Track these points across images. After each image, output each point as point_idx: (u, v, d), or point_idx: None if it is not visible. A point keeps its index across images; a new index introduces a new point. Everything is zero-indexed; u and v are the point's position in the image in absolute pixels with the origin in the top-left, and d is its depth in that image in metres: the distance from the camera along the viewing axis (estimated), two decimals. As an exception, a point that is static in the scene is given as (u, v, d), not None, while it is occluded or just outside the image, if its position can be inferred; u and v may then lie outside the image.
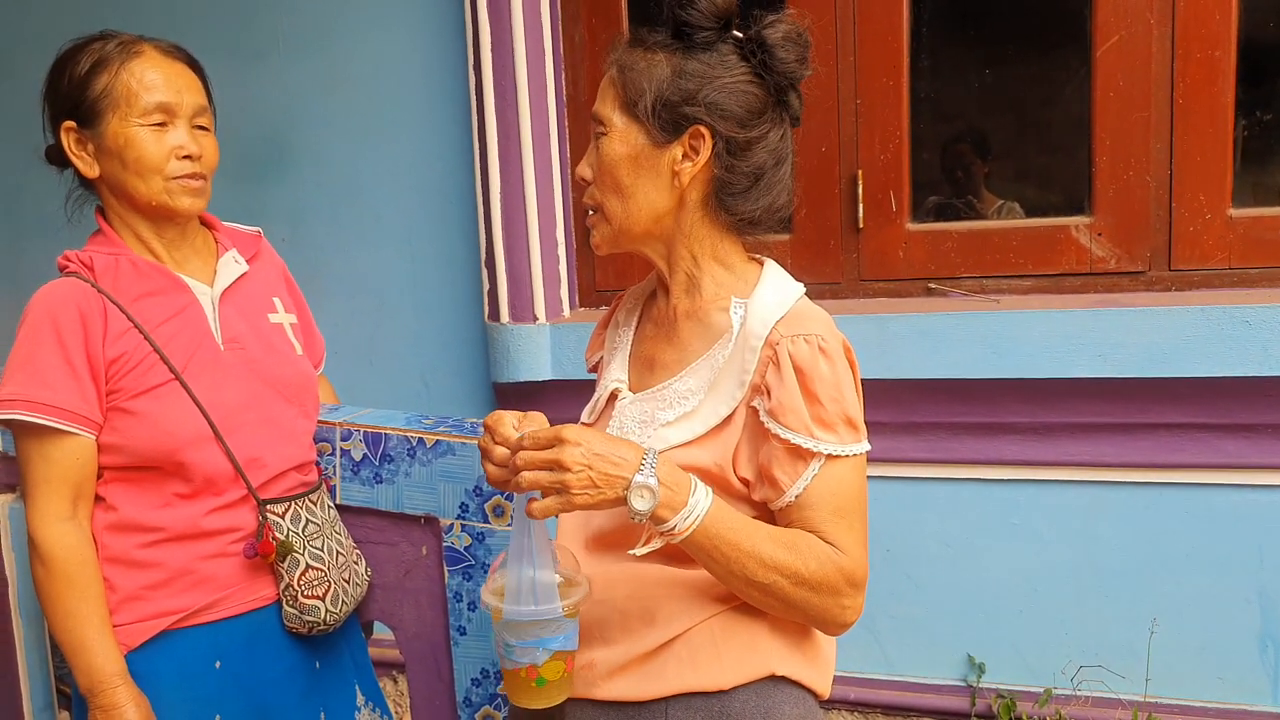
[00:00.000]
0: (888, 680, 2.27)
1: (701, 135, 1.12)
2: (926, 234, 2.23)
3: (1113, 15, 2.05)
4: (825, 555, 1.06)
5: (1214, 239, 2.05)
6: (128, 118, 1.39)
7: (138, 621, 1.38)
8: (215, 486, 1.42)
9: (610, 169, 1.14)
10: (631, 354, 1.26)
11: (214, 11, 2.54)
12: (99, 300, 1.38)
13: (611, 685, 1.14)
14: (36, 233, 2.82)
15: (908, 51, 2.18)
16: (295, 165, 2.54)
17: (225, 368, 1.44)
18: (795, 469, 1.08)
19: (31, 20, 2.75)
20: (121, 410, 1.37)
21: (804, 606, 1.07)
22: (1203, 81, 2.01)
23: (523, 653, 1.07)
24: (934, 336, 2.07)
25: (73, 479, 1.36)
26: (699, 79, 1.11)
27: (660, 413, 1.16)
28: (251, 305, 1.52)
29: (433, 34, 2.39)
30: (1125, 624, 2.12)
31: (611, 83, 1.16)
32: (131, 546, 1.39)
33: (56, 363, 1.34)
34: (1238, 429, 1.99)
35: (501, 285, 2.36)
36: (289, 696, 1.48)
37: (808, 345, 1.09)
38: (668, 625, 1.12)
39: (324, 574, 1.47)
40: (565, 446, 1.01)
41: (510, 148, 2.32)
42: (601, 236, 1.19)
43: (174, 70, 1.43)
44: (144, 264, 1.44)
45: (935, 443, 2.17)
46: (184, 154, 1.41)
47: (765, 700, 1.12)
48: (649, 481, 1.01)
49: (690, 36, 1.12)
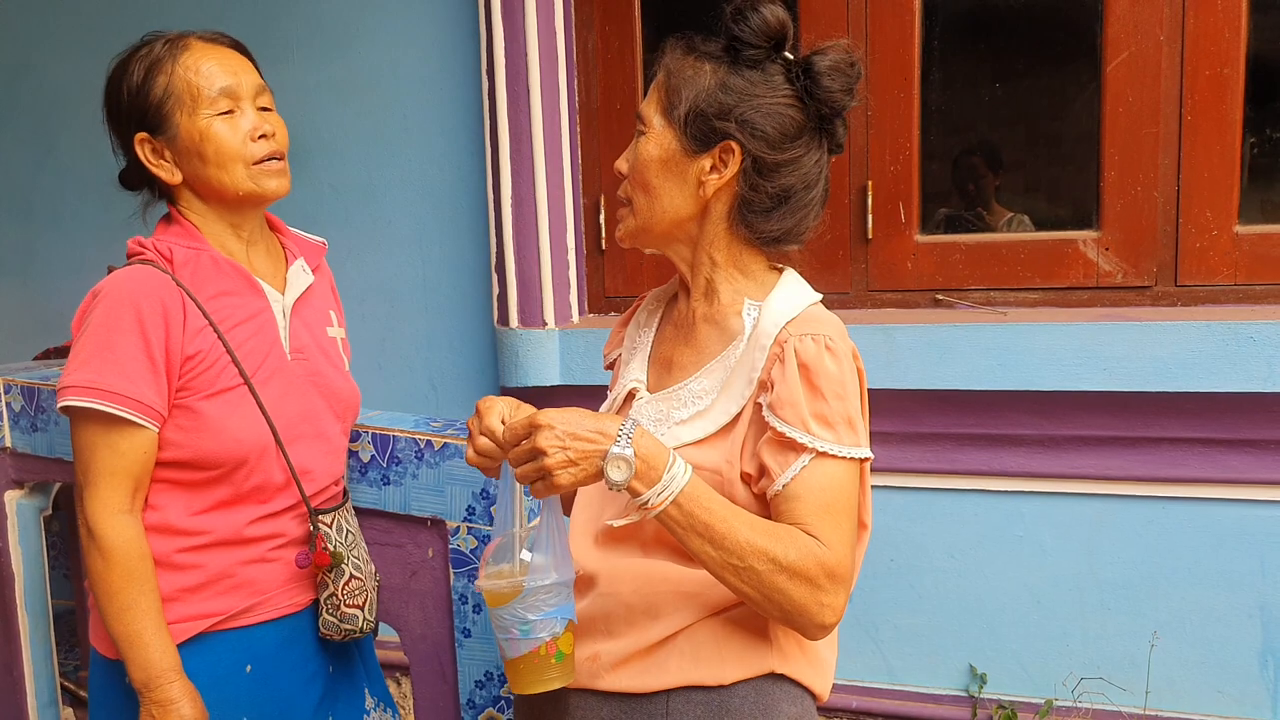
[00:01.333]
0: (889, 689, 2.28)
1: (732, 150, 1.14)
2: (935, 245, 2.24)
3: (1123, 31, 2.06)
4: (805, 546, 1.06)
5: (1220, 255, 2.05)
6: (195, 112, 1.36)
7: (173, 623, 1.36)
8: (263, 494, 1.40)
9: (642, 169, 1.17)
10: (651, 355, 1.28)
11: (229, 17, 2.56)
12: (179, 293, 1.34)
13: (615, 677, 1.15)
14: (49, 229, 2.85)
15: (919, 64, 2.20)
16: (308, 169, 2.56)
17: (290, 378, 1.42)
18: (785, 459, 1.09)
19: (46, 23, 2.78)
20: (188, 409, 1.35)
21: (781, 598, 1.05)
22: (1211, 98, 2.02)
23: (542, 626, 1.07)
24: (941, 347, 2.08)
25: (136, 472, 1.33)
26: (739, 95, 1.13)
27: (675, 411, 1.18)
28: (315, 317, 1.51)
29: (446, 40, 2.41)
30: (1127, 637, 2.12)
31: (658, 85, 1.18)
32: (172, 550, 1.37)
33: (135, 352, 1.30)
34: (1242, 444, 1.99)
35: (511, 290, 2.38)
36: (309, 700, 1.48)
37: (814, 343, 1.11)
38: (671, 620, 1.13)
39: (363, 583, 1.47)
40: (539, 432, 1.04)
41: (522, 153, 2.33)
42: (626, 230, 1.22)
43: (225, 55, 1.41)
44: (225, 262, 1.41)
45: (940, 453, 2.18)
46: (259, 134, 1.38)
47: (764, 697, 1.13)
48: (624, 453, 1.03)
49: (739, 52, 1.14)
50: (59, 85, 2.75)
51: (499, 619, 1.09)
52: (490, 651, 1.60)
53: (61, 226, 2.82)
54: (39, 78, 2.80)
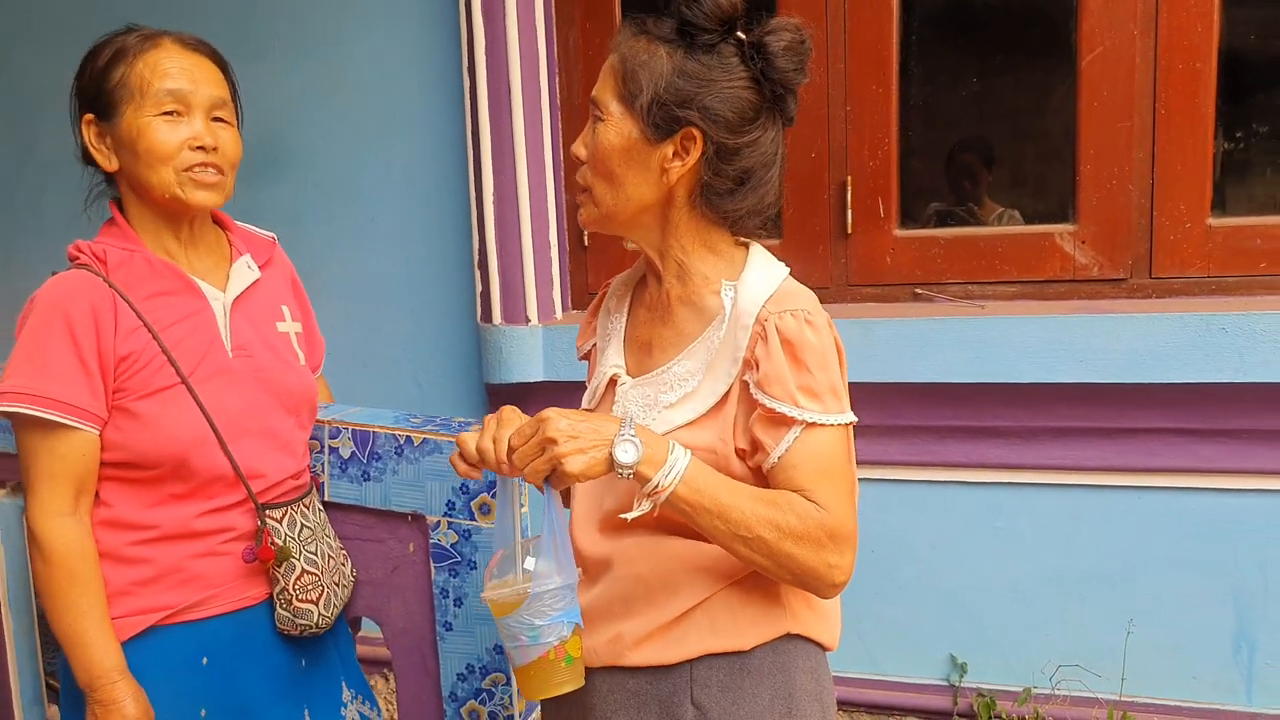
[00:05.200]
0: (872, 680, 2.30)
1: (693, 137, 1.15)
2: (914, 240, 2.26)
3: (1098, 26, 2.08)
4: (806, 510, 1.11)
5: (1193, 247, 2.08)
6: (141, 107, 1.36)
7: (126, 616, 1.38)
8: (211, 490, 1.42)
9: (603, 157, 1.18)
10: (626, 339, 1.30)
11: (211, 13, 2.56)
12: (110, 295, 1.36)
13: (638, 653, 1.20)
14: (29, 228, 2.83)
15: (897, 59, 2.21)
16: (291, 166, 2.57)
17: (232, 375, 1.43)
18: (778, 434, 1.12)
19: (28, 18, 2.77)
20: (125, 410, 1.36)
21: (790, 563, 1.10)
22: (1184, 92, 2.04)
23: (550, 630, 1.10)
24: (920, 341, 2.10)
25: (76, 474, 1.35)
26: (696, 81, 1.13)
27: (662, 395, 1.20)
28: (261, 313, 1.51)
29: (428, 37, 2.42)
30: (1103, 625, 2.15)
31: (612, 71, 1.18)
32: (123, 543, 1.39)
33: (66, 356, 1.32)
34: (1214, 434, 2.02)
35: (494, 287, 2.39)
36: (273, 694, 1.49)
37: (794, 319, 1.14)
38: (689, 594, 1.18)
39: (318, 578, 1.48)
40: (546, 423, 1.07)
41: (504, 150, 2.34)
42: (589, 216, 1.23)
43: (192, 61, 1.40)
44: (158, 263, 1.42)
45: (920, 446, 2.20)
46: (197, 144, 1.38)
47: (781, 656, 1.19)
48: (631, 436, 1.07)
49: (693, 37, 1.14)
50: (38, 82, 2.75)
51: (507, 628, 1.12)
52: (471, 644, 1.61)
53: (40, 226, 2.81)
54: (18, 75, 2.80)
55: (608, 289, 1.38)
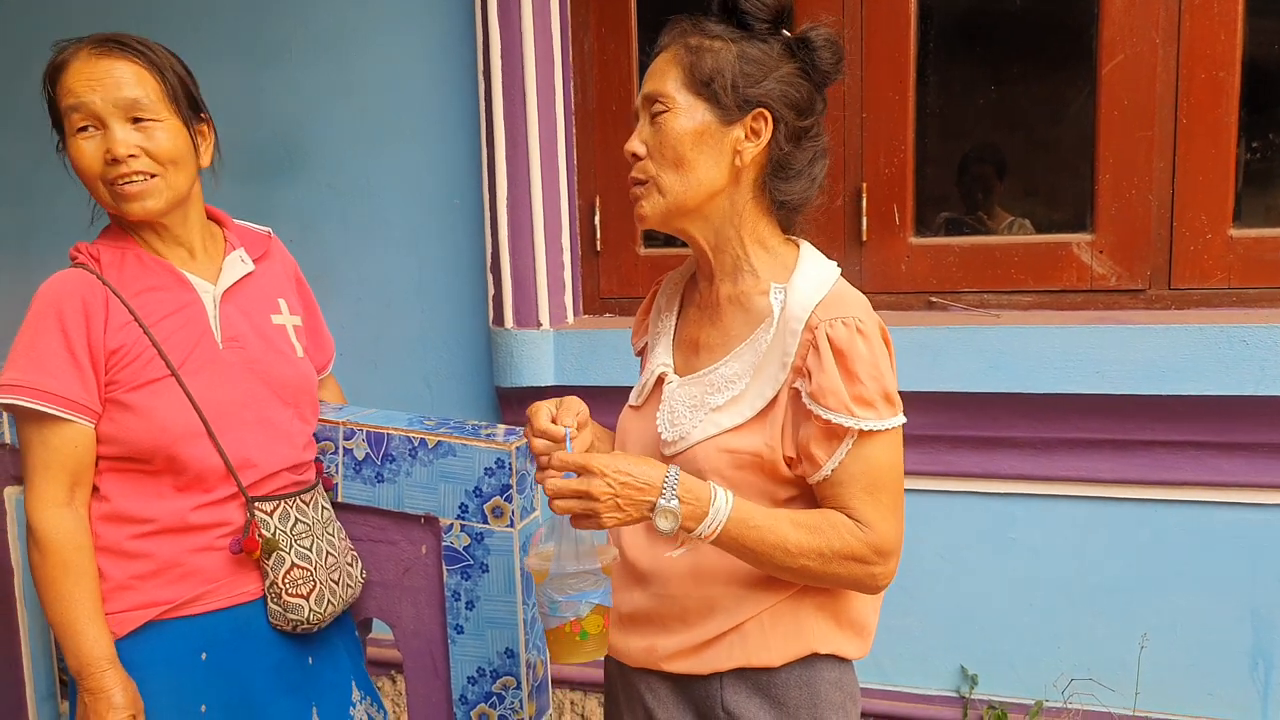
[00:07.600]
0: (881, 690, 2.29)
1: (764, 118, 1.19)
2: (929, 248, 2.24)
3: (1118, 34, 2.07)
4: (850, 532, 1.15)
5: (1214, 258, 2.06)
6: (70, 129, 1.40)
7: (126, 610, 1.40)
8: (205, 483, 1.43)
9: (674, 143, 1.19)
10: (676, 338, 1.33)
11: (227, 15, 2.57)
12: (102, 291, 1.40)
13: (671, 665, 1.26)
14: (45, 228, 2.85)
15: (914, 67, 2.20)
16: (305, 168, 2.57)
17: (223, 366, 1.45)
18: (831, 446, 1.15)
19: (45, 23, 2.79)
20: (118, 402, 1.39)
21: (834, 579, 1.17)
22: (1206, 102, 2.03)
23: (567, 607, 1.17)
24: (934, 349, 2.09)
25: (71, 466, 1.38)
26: (762, 66, 1.18)
27: (709, 397, 1.22)
28: (255, 305, 1.53)
29: (443, 40, 2.42)
30: (1117, 638, 2.13)
31: (674, 62, 1.20)
32: (123, 537, 1.41)
33: (59, 350, 1.36)
34: (1233, 448, 2.00)
35: (506, 290, 2.38)
36: (277, 690, 1.49)
37: (845, 328, 1.15)
38: (725, 618, 1.22)
39: (309, 573, 1.48)
40: (592, 479, 1.11)
41: (518, 154, 2.34)
42: (652, 207, 1.22)
43: (100, 69, 1.37)
44: (149, 259, 1.45)
45: (933, 455, 2.18)
46: (111, 157, 1.36)
47: (807, 670, 1.23)
48: (670, 506, 1.11)
49: (751, 27, 1.19)
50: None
51: (539, 594, 1.21)
52: (482, 647, 1.61)
53: (56, 226, 2.83)
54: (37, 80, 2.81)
55: (659, 286, 1.40)
